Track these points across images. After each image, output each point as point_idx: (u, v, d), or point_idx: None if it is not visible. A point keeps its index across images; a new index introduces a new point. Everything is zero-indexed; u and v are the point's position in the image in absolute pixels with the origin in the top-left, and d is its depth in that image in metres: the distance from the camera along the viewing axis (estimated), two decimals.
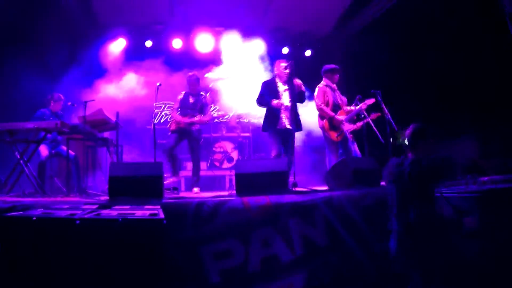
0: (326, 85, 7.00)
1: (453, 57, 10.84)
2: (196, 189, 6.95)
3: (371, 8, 10.90)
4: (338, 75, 7.19)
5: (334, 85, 7.11)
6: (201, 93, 7.41)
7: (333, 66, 7.18)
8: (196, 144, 7.13)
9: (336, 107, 6.93)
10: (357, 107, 6.90)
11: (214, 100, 10.53)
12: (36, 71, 8.03)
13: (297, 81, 6.46)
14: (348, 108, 7.15)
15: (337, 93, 7.12)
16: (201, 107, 7.19)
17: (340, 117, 6.82)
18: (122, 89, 9.56)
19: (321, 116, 6.91)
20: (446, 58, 10.93)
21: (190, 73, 7.44)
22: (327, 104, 6.86)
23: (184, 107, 7.14)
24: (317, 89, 6.99)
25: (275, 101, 6.43)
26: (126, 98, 9.40)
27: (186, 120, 6.96)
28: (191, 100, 7.18)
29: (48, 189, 6.38)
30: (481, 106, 10.88)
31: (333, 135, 6.78)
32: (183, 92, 7.30)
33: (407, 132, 3.68)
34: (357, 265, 4.21)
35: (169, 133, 7.16)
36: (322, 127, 6.91)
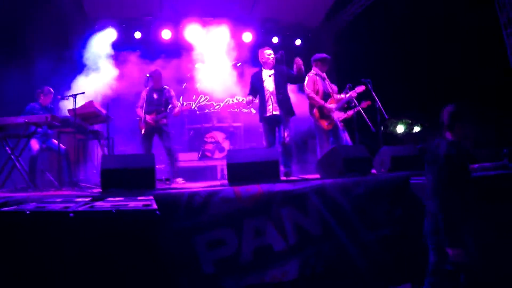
0: (316, 74, 7.02)
1: (446, 47, 10.94)
2: (179, 180, 6.94)
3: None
4: (328, 64, 7.21)
5: (324, 73, 7.13)
6: (165, 86, 7.46)
7: (323, 55, 7.20)
8: (166, 137, 7.21)
9: (326, 96, 6.96)
10: (347, 95, 6.92)
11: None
12: (25, 66, 8.00)
13: (298, 60, 6.45)
14: (339, 96, 7.18)
15: (327, 81, 7.15)
16: (166, 100, 7.31)
17: (330, 105, 6.85)
18: (112, 81, 9.52)
19: (311, 104, 6.94)
20: (439, 48, 11.02)
21: (153, 69, 7.46)
22: (317, 93, 6.88)
23: (149, 104, 7.16)
24: (307, 78, 7.00)
25: (248, 97, 6.51)
26: (116, 90, 9.38)
27: (154, 117, 7.09)
28: (155, 96, 7.27)
29: (40, 183, 6.37)
30: (475, 95, 11.00)
31: (324, 123, 6.81)
32: (147, 89, 7.26)
33: (443, 112, 3.51)
34: (348, 254, 4.25)
35: (142, 135, 7.10)
36: (312, 116, 6.94)
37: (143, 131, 6.98)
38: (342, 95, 7.14)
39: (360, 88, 6.86)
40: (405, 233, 4.34)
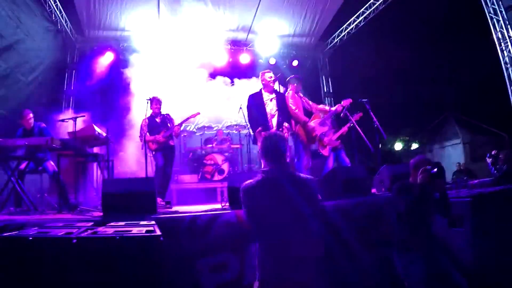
0: (295, 92, 7.05)
1: (443, 66, 11.08)
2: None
3: (355, 18, 11.12)
4: (301, 84, 7.26)
5: (300, 92, 7.18)
6: (162, 113, 7.50)
7: (297, 76, 7.29)
8: (172, 158, 7.33)
9: (306, 112, 6.98)
10: (333, 109, 6.98)
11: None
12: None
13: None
14: (321, 106, 7.26)
15: (304, 99, 7.20)
16: (169, 122, 7.37)
17: (312, 123, 6.89)
18: (112, 103, 9.59)
19: (295, 121, 6.94)
20: (434, 65, 11.14)
21: (152, 96, 7.40)
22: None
23: (155, 128, 7.22)
24: (289, 93, 6.97)
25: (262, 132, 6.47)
26: (116, 112, 9.43)
27: (163, 134, 7.12)
28: (158, 120, 7.33)
29: (39, 205, 6.31)
30: (469, 111, 11.11)
31: (304, 139, 6.84)
32: (146, 118, 7.20)
33: None
34: (346, 275, 4.23)
35: (153, 153, 7.17)
36: (296, 132, 6.94)
37: (155, 149, 7.10)
38: (327, 107, 7.27)
39: (346, 102, 6.90)
40: None
